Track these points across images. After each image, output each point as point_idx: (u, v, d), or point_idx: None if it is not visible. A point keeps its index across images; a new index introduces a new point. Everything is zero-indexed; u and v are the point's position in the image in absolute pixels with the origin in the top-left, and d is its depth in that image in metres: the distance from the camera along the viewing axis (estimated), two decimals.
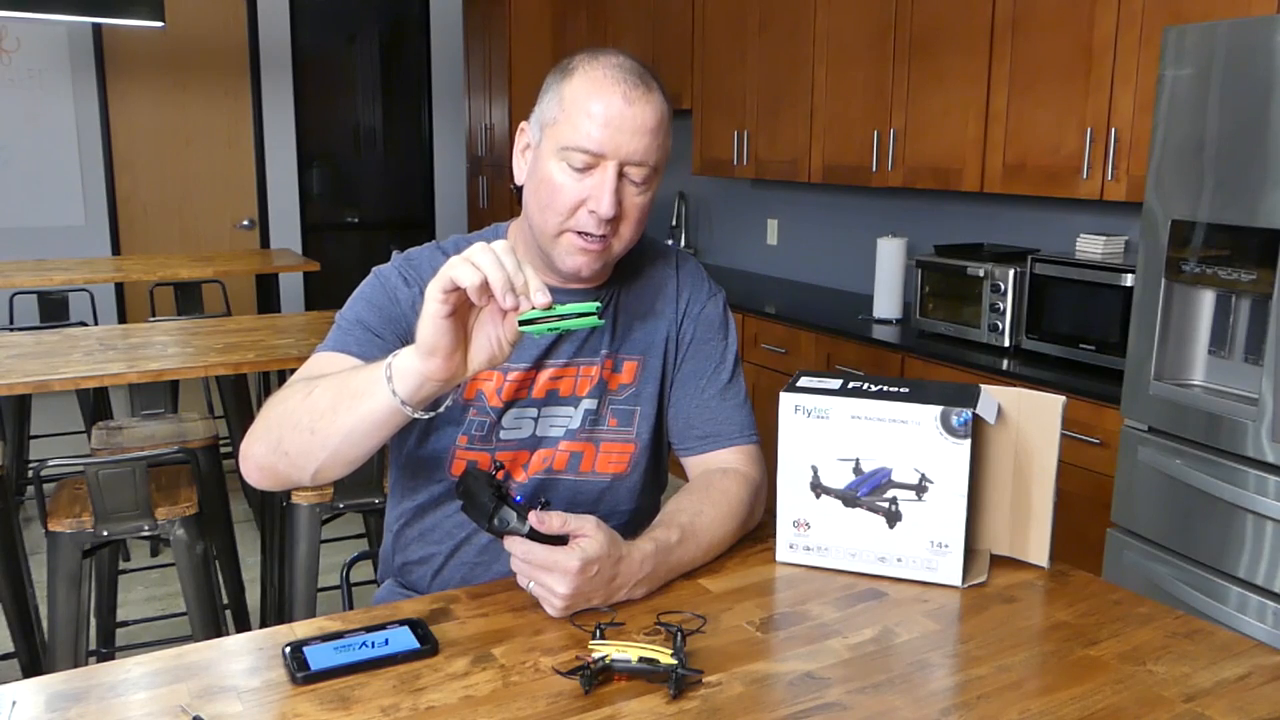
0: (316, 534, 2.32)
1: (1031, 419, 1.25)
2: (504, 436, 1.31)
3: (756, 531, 1.36)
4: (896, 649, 1.07)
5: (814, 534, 1.26)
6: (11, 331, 3.34)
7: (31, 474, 2.51)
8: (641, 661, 0.97)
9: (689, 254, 1.48)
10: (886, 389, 1.24)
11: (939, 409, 1.19)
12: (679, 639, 1.02)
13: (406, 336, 1.23)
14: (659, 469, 1.43)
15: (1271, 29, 1.89)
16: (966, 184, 3.13)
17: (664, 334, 1.38)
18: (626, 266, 1.38)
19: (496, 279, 0.94)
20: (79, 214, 5.73)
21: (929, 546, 1.22)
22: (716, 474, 1.34)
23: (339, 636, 1.05)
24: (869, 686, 0.99)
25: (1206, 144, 2.02)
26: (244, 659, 1.03)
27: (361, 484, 2.31)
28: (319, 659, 1.00)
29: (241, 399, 3.43)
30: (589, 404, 1.33)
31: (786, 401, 1.24)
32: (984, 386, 1.25)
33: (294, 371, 1.24)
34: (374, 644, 1.03)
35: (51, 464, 2.22)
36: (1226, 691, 0.99)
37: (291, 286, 6.15)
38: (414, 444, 1.33)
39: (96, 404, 3.72)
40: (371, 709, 0.93)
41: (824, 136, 3.75)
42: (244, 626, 2.85)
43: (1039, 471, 1.26)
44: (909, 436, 1.20)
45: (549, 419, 1.33)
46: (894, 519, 1.22)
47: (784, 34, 3.91)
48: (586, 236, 1.23)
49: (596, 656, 0.98)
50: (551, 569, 1.08)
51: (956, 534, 1.20)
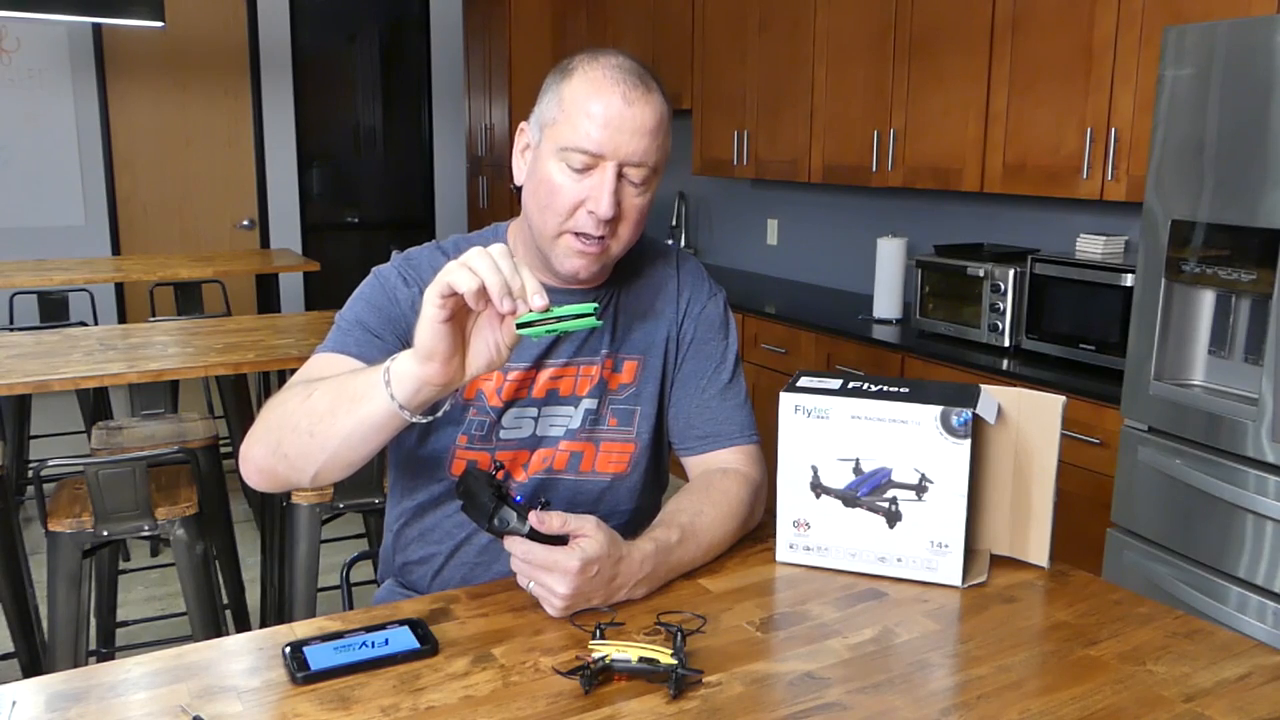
0: (316, 534, 2.32)
1: (1031, 419, 1.25)
2: (504, 436, 1.31)
3: (756, 531, 1.36)
4: (896, 649, 1.07)
5: (814, 534, 1.26)
6: (11, 331, 3.34)
7: (31, 474, 2.51)
8: (641, 661, 0.97)
9: (689, 253, 1.48)
10: (886, 389, 1.24)
11: (939, 409, 1.19)
12: (679, 639, 1.02)
13: (406, 336, 1.23)
14: (659, 469, 1.43)
15: (1271, 29, 1.89)
16: (966, 184, 3.13)
17: (664, 334, 1.38)
18: (626, 266, 1.38)
19: (494, 284, 0.95)
20: (79, 214, 5.73)
21: (929, 546, 1.22)
22: (717, 474, 1.34)
23: (339, 636, 1.05)
24: (869, 686, 0.99)
25: (1206, 144, 2.02)
26: (244, 659, 1.03)
27: (361, 484, 2.31)
28: (319, 659, 1.00)
29: (241, 399, 3.43)
30: (589, 404, 1.33)
31: (786, 401, 1.24)
32: (984, 386, 1.25)
33: (294, 372, 1.24)
34: (374, 644, 1.03)
35: (51, 464, 2.22)
36: (1226, 691, 0.99)
37: (291, 286, 6.15)
38: (414, 444, 1.33)
39: (96, 404, 3.72)
40: (371, 709, 0.93)
41: (824, 136, 3.75)
42: (244, 626, 2.85)
43: (1039, 471, 1.26)
44: (909, 436, 1.20)
45: (549, 419, 1.33)
46: (894, 519, 1.22)
47: (784, 34, 3.91)
48: (585, 238, 1.23)
49: (596, 656, 0.97)
50: (551, 569, 1.08)
51: (956, 534, 1.21)
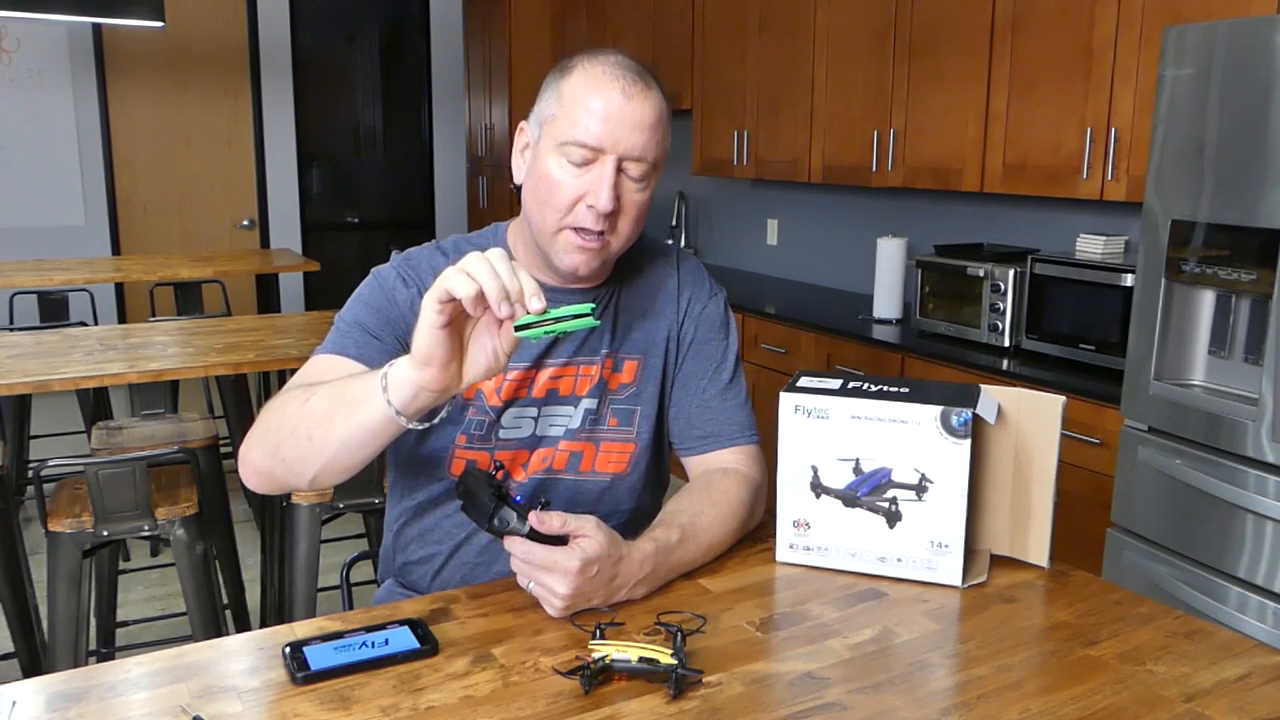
0: (316, 534, 2.32)
1: (1031, 419, 1.25)
2: (503, 436, 1.31)
3: (756, 531, 1.36)
4: (896, 649, 1.07)
5: (814, 534, 1.26)
6: (11, 331, 3.34)
7: (31, 474, 2.51)
8: (641, 661, 0.97)
9: (689, 253, 1.48)
10: (886, 389, 1.24)
11: (939, 409, 1.19)
12: (679, 639, 1.02)
13: (405, 337, 1.23)
14: (660, 468, 1.43)
15: (1271, 29, 1.89)
16: (966, 184, 3.13)
17: (665, 333, 1.38)
18: (627, 265, 1.38)
19: (492, 288, 0.94)
20: (79, 214, 5.73)
21: (929, 546, 1.22)
22: (717, 474, 1.34)
23: (339, 636, 1.05)
24: (869, 686, 0.99)
25: (1206, 144, 2.02)
26: (244, 659, 1.03)
27: (361, 484, 2.31)
28: (319, 659, 1.00)
29: (241, 399, 3.43)
30: (589, 403, 1.33)
31: (786, 401, 1.24)
32: (984, 386, 1.25)
33: (294, 372, 1.24)
34: (374, 644, 1.03)
35: (51, 464, 2.22)
36: (1226, 691, 0.99)
37: (291, 286, 6.15)
38: (413, 444, 1.33)
39: (96, 404, 3.72)
40: (371, 709, 0.93)
41: (824, 136, 3.75)
42: (244, 626, 2.85)
43: (1039, 471, 1.26)
44: (909, 436, 1.20)
45: (549, 418, 1.32)
46: (894, 519, 1.22)
47: (784, 34, 3.91)
48: (584, 234, 1.23)
49: (596, 656, 0.97)
50: (551, 569, 1.08)
51: (956, 534, 1.21)
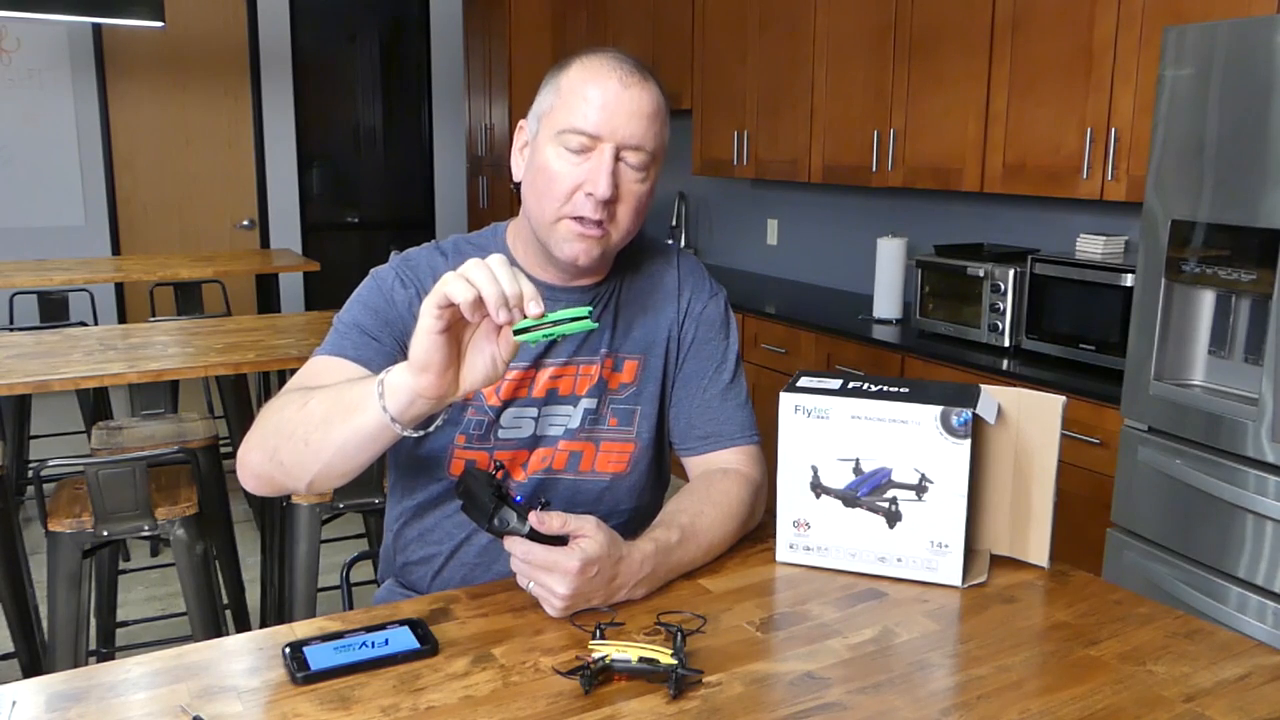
0: (316, 534, 2.32)
1: (1031, 419, 1.25)
2: (502, 436, 1.31)
3: (756, 531, 1.36)
4: (896, 649, 1.07)
5: (814, 534, 1.26)
6: (11, 331, 3.34)
7: (31, 474, 2.50)
8: (641, 661, 0.97)
9: (689, 253, 1.48)
10: (886, 389, 1.24)
11: (939, 409, 1.19)
12: (679, 639, 1.02)
13: (403, 338, 1.23)
14: (661, 468, 1.43)
15: (1271, 29, 1.89)
16: (966, 184, 3.13)
17: (665, 333, 1.38)
18: (627, 263, 1.37)
19: (491, 294, 0.94)
20: (79, 214, 5.73)
21: (929, 546, 1.22)
22: (717, 474, 1.34)
23: (339, 636, 1.05)
24: (869, 686, 0.99)
25: (1206, 144, 2.02)
26: (244, 659, 1.03)
27: (361, 484, 2.31)
28: (319, 659, 1.00)
29: (241, 399, 3.43)
30: (588, 403, 1.33)
31: (786, 401, 1.24)
32: (984, 386, 1.25)
33: (294, 372, 1.24)
34: (374, 644, 1.03)
35: (51, 464, 2.22)
36: (1226, 691, 0.99)
37: (291, 286, 6.15)
38: (412, 444, 1.33)
39: (96, 404, 3.72)
40: (371, 709, 0.93)
41: (824, 136, 3.75)
42: (244, 626, 2.85)
43: (1039, 471, 1.26)
44: (909, 436, 1.20)
45: (548, 418, 1.32)
46: (894, 519, 1.22)
47: (784, 34, 3.91)
48: (584, 221, 1.22)
49: (596, 656, 0.97)
50: (551, 569, 1.08)
51: (956, 534, 1.20)
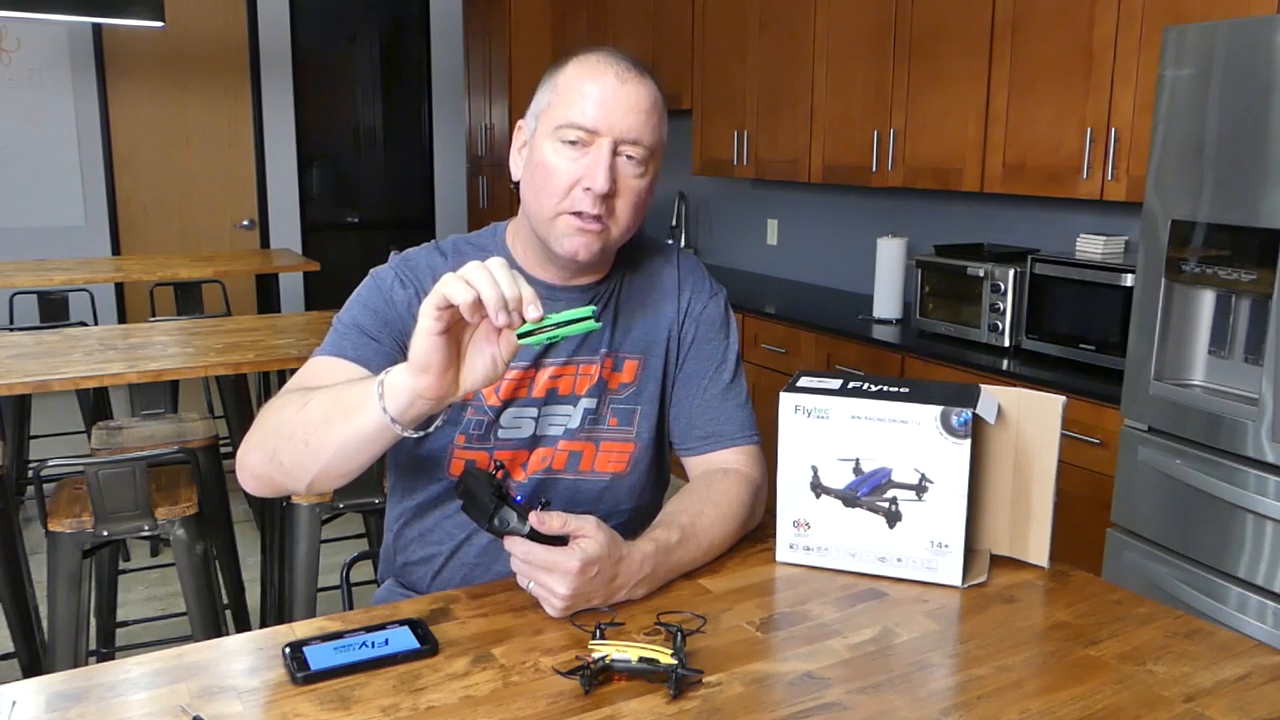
0: (316, 534, 2.32)
1: (1031, 419, 1.25)
2: (502, 436, 1.31)
3: (756, 531, 1.36)
4: (896, 649, 1.07)
5: (814, 534, 1.26)
6: (11, 331, 3.34)
7: (31, 474, 2.51)
8: (641, 661, 0.97)
9: (689, 252, 1.48)
10: (886, 389, 1.24)
11: (939, 409, 1.19)
12: (679, 639, 1.02)
13: (403, 339, 1.23)
14: (661, 468, 1.43)
15: (1271, 29, 1.89)
16: (966, 184, 3.13)
17: (665, 332, 1.38)
18: (626, 261, 1.37)
19: (490, 296, 0.94)
20: (79, 214, 5.73)
21: (929, 546, 1.22)
22: (717, 474, 1.34)
23: (339, 636, 1.05)
24: (869, 686, 0.99)
25: (1206, 144, 2.02)
26: (244, 659, 1.03)
27: (361, 484, 2.31)
28: (319, 659, 1.00)
29: (241, 399, 3.43)
30: (588, 403, 1.33)
31: (786, 401, 1.24)
32: (984, 386, 1.25)
33: (294, 372, 1.24)
34: (374, 644, 1.03)
35: (51, 464, 2.22)
36: (1226, 691, 0.99)
37: (291, 286, 6.15)
38: (412, 444, 1.33)
39: (96, 404, 3.72)
40: (371, 709, 0.93)
41: (824, 136, 3.75)
42: (244, 626, 2.85)
43: (1039, 471, 1.26)
44: (909, 436, 1.20)
45: (548, 418, 1.32)
46: (894, 519, 1.22)
47: (784, 34, 3.91)
48: (583, 216, 1.22)
49: (596, 656, 0.97)
50: (552, 569, 1.08)
51: (956, 534, 1.20)
